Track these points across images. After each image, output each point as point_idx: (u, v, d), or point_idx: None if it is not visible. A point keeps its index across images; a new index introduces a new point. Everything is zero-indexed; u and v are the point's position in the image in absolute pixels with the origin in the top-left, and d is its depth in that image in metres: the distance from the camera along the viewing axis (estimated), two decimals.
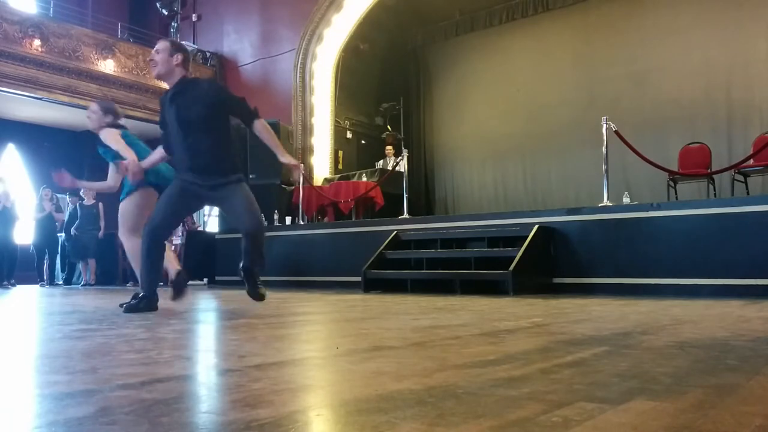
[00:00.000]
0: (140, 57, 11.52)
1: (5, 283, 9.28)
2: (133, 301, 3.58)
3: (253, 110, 3.57)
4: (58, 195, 10.57)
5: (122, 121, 4.26)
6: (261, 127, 3.57)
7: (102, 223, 9.73)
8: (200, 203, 3.86)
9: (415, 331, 2.43)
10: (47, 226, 9.99)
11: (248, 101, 3.60)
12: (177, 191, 3.55)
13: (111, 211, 8.86)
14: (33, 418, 1.05)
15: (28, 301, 5.47)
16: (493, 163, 11.31)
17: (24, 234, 10.08)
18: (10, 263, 9.46)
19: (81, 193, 9.76)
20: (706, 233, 5.07)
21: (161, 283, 3.78)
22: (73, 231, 9.73)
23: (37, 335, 2.59)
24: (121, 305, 3.66)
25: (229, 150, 3.57)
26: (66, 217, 10.24)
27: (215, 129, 3.47)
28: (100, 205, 9.75)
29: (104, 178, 4.49)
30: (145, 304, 3.49)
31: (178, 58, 3.51)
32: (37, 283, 9.97)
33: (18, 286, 9.39)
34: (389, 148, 10.58)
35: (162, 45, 3.56)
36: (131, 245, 4.10)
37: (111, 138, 4.01)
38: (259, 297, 3.71)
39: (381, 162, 10.44)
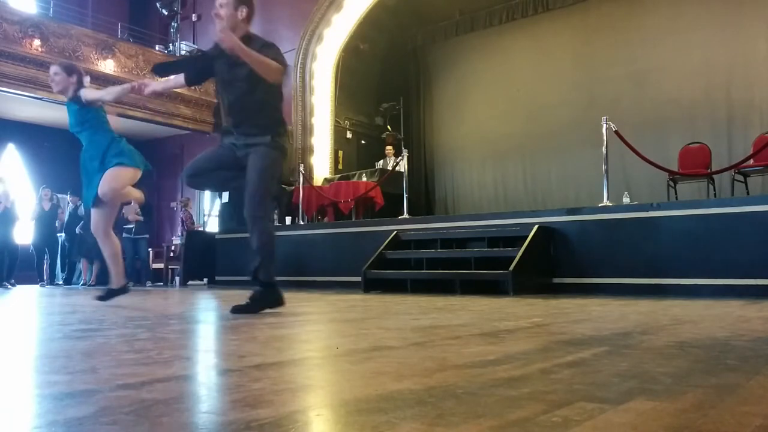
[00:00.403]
0: (140, 57, 11.53)
1: (5, 283, 9.28)
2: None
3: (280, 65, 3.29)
4: (58, 195, 10.58)
5: (87, 81, 4.23)
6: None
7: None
8: (236, 162, 3.41)
9: (415, 331, 2.43)
10: (47, 226, 9.99)
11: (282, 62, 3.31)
12: (219, 147, 3.49)
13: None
14: (33, 418, 1.05)
15: (28, 301, 5.47)
16: (493, 163, 11.31)
17: (24, 234, 10.10)
18: (11, 263, 9.47)
19: None
20: (706, 233, 5.07)
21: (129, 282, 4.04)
22: (78, 230, 9.70)
23: (37, 335, 2.59)
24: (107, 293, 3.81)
25: (267, 111, 3.36)
26: (66, 216, 10.24)
27: (255, 90, 3.28)
28: None
29: None
30: None
31: (243, 11, 3.29)
32: (37, 283, 9.98)
33: (18, 286, 9.39)
34: (389, 148, 10.58)
35: None
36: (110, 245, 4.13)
37: (92, 93, 4.03)
38: (274, 305, 3.34)
39: (381, 162, 10.44)
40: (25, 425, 1.00)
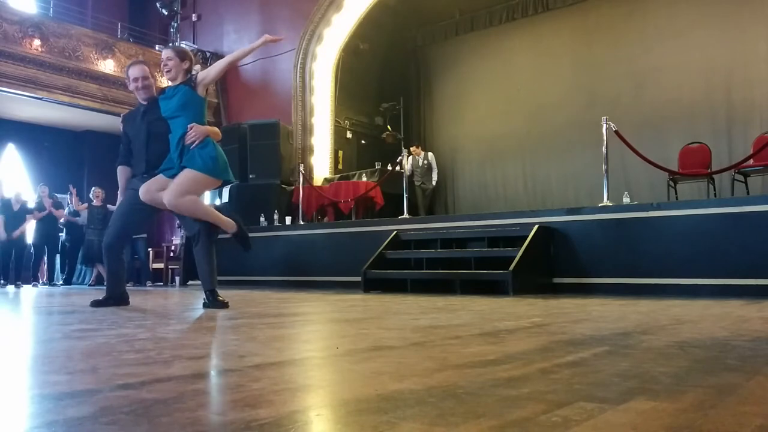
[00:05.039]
0: (140, 57, 11.51)
1: (3, 282, 9.28)
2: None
3: None
4: (57, 195, 10.59)
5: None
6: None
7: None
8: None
9: (415, 331, 2.43)
10: (47, 226, 9.99)
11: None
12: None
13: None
14: (33, 418, 1.05)
15: (28, 301, 5.47)
16: (493, 163, 11.30)
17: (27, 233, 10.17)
18: (18, 263, 9.50)
19: (91, 195, 9.76)
20: (706, 233, 5.07)
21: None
22: (88, 237, 9.60)
23: (36, 335, 2.59)
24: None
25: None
26: (65, 215, 10.22)
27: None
28: (108, 206, 9.64)
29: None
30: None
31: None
32: (37, 283, 9.98)
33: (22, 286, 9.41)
34: (415, 148, 10.20)
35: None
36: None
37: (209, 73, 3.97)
38: (221, 306, 3.85)
39: (410, 159, 9.52)
40: (25, 425, 1.00)
